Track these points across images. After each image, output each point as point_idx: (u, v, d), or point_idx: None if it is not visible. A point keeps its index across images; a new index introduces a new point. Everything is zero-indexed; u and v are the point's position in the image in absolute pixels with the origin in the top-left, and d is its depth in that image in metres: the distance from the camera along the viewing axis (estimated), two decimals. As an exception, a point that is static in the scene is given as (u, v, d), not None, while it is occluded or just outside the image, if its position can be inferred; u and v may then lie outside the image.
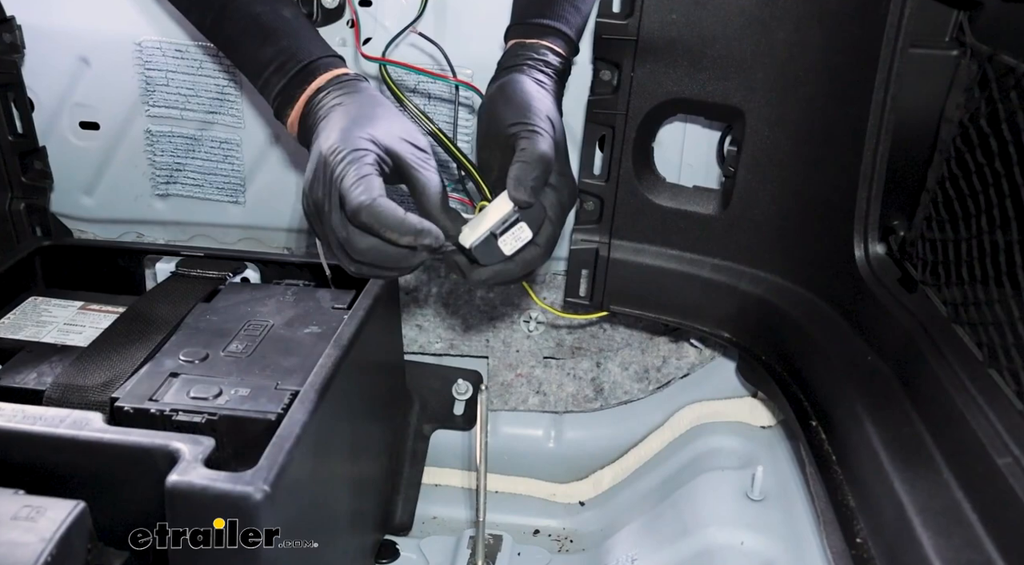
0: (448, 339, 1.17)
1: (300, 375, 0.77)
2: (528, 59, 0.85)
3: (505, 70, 0.85)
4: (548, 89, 0.83)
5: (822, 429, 0.85)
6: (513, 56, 0.86)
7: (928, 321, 0.77)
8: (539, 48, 0.86)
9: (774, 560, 0.86)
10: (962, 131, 0.76)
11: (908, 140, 0.84)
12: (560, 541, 1.07)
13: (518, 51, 0.86)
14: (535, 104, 0.78)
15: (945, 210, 0.78)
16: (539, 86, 0.82)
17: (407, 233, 0.69)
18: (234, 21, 0.83)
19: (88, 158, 1.12)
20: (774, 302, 0.98)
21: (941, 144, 0.81)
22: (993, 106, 0.71)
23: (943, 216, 0.79)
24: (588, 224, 1.03)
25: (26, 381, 0.78)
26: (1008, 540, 0.60)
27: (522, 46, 0.86)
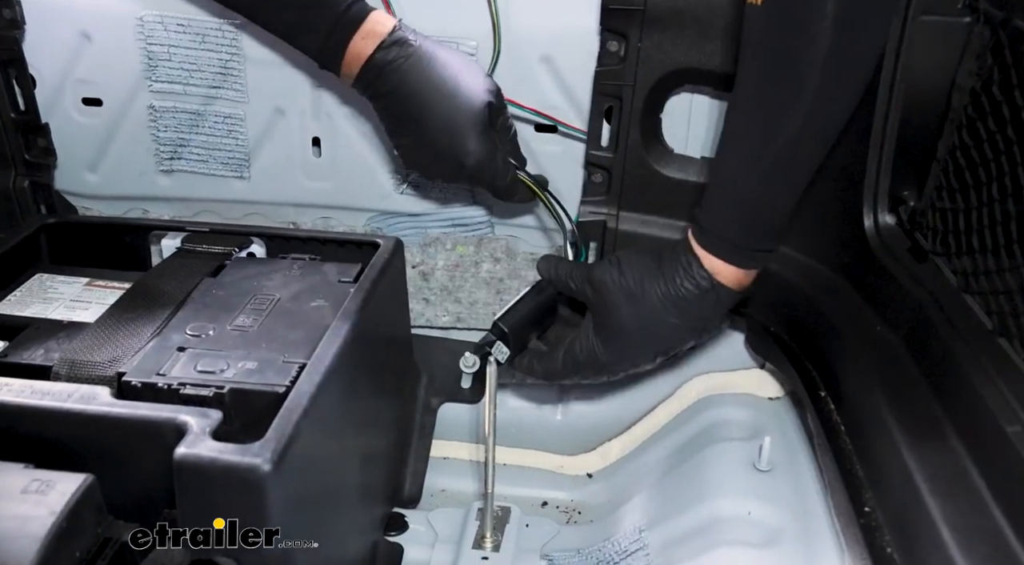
0: (455, 313, 1.17)
1: (307, 348, 0.77)
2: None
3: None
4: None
5: (831, 399, 0.85)
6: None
7: (938, 291, 0.77)
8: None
9: (782, 530, 0.86)
10: (974, 99, 0.76)
11: (919, 109, 0.83)
12: (568, 513, 1.07)
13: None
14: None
15: (956, 179, 0.78)
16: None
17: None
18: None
19: (91, 135, 1.12)
20: (783, 273, 0.97)
21: (952, 113, 0.80)
22: (1006, 73, 0.70)
23: (953, 185, 0.78)
24: (596, 196, 1.03)
25: (33, 357, 0.78)
26: (1016, 507, 0.60)
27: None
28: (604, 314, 0.83)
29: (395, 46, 0.86)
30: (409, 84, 0.87)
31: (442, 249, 1.15)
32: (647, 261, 0.82)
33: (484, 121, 0.89)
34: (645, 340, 0.83)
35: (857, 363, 0.83)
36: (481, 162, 0.89)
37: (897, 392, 0.76)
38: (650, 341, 0.83)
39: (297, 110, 1.07)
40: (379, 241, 0.97)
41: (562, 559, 0.97)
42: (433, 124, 0.88)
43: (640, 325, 0.81)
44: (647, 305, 0.80)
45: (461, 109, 0.87)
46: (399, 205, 1.12)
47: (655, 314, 0.80)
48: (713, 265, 0.77)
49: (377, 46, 0.86)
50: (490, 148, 0.90)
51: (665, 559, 0.87)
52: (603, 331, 0.84)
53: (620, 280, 0.81)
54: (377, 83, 0.87)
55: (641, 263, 0.82)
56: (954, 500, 0.64)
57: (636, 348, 0.84)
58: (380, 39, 0.86)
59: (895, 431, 0.73)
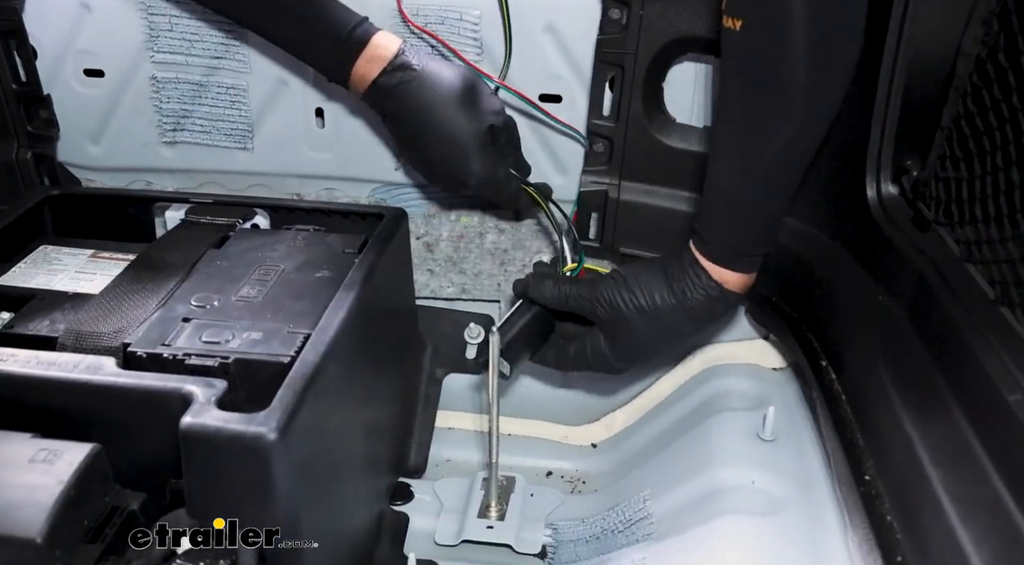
0: (459, 284, 1.17)
1: (311, 319, 0.78)
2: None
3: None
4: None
5: (832, 369, 0.85)
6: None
7: (940, 260, 0.77)
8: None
9: (784, 499, 0.86)
10: (979, 66, 0.75)
11: (923, 78, 0.83)
12: (573, 482, 1.08)
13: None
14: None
15: (960, 148, 0.77)
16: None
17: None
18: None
19: (94, 106, 1.12)
20: (785, 244, 0.97)
21: (957, 81, 0.79)
22: (1012, 39, 0.70)
23: (957, 154, 0.78)
24: (597, 166, 1.02)
25: (39, 328, 0.79)
26: (1017, 476, 0.60)
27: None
28: (617, 329, 0.84)
29: (398, 71, 0.88)
30: (411, 108, 0.89)
31: (446, 220, 1.15)
32: (654, 276, 0.83)
33: (485, 143, 0.92)
34: (658, 349, 0.86)
35: (859, 333, 0.83)
36: (482, 181, 0.93)
37: (898, 362, 0.76)
38: (663, 349, 0.86)
39: (300, 81, 1.06)
40: (383, 212, 0.97)
41: (567, 528, 0.97)
42: (435, 146, 0.91)
43: (655, 339, 0.84)
44: (661, 320, 0.82)
45: (462, 132, 0.90)
46: (402, 176, 1.12)
47: (669, 327, 0.82)
48: (721, 275, 0.79)
49: (381, 71, 0.88)
50: (492, 167, 0.93)
51: (669, 528, 0.88)
52: (617, 344, 0.85)
53: (631, 299, 0.83)
54: (383, 103, 0.90)
55: (649, 279, 0.83)
56: (955, 469, 0.64)
57: (650, 356, 0.86)
58: (384, 64, 0.88)
59: (896, 401, 0.73)
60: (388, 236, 0.93)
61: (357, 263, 0.87)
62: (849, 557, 0.78)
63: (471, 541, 0.96)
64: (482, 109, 0.91)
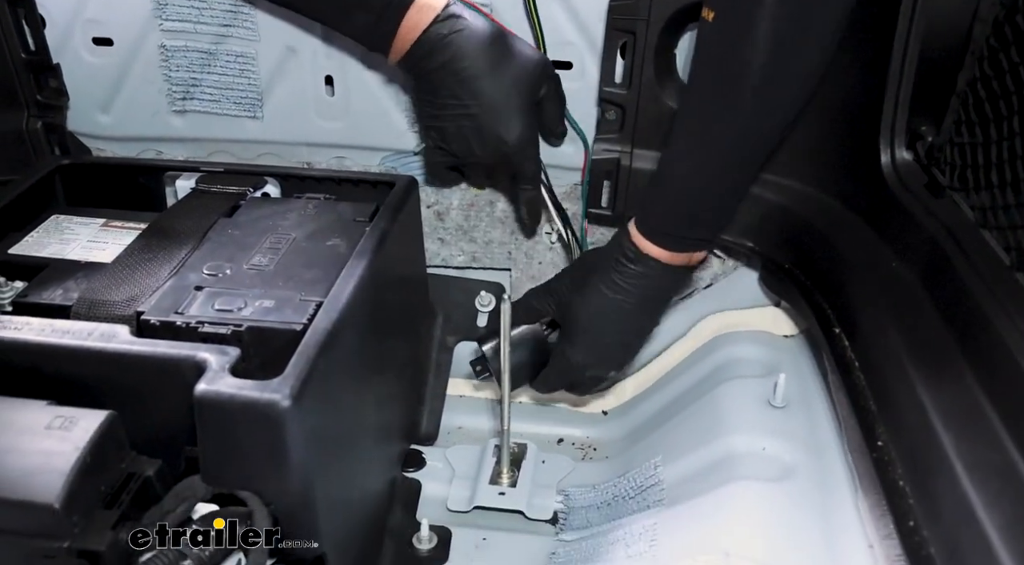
0: (470, 252, 1.17)
1: (323, 287, 0.78)
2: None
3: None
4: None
5: (845, 336, 0.85)
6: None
7: (955, 226, 0.76)
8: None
9: (795, 465, 0.87)
10: (996, 29, 0.74)
11: (938, 41, 0.82)
12: (584, 449, 1.08)
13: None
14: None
15: (975, 113, 0.76)
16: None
17: None
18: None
19: (103, 75, 1.11)
20: (797, 210, 0.97)
21: (973, 44, 0.78)
22: (1030, 1, 0.69)
23: (973, 119, 0.77)
24: (609, 134, 1.02)
25: (53, 297, 0.79)
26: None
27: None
28: (563, 314, 0.89)
29: (449, 20, 0.87)
30: (462, 58, 0.88)
31: (457, 188, 1.14)
32: (592, 257, 0.89)
33: (532, 99, 0.92)
34: (603, 328, 0.87)
35: (872, 300, 0.82)
36: (521, 143, 0.92)
37: (912, 328, 0.76)
38: (609, 329, 0.88)
39: (309, 48, 1.06)
40: (394, 180, 0.97)
41: (578, 494, 0.98)
42: (481, 99, 0.90)
43: (593, 312, 0.87)
44: (595, 292, 0.86)
45: (511, 88, 0.90)
46: (413, 144, 1.11)
47: (604, 299, 0.86)
48: (648, 247, 0.83)
49: (433, 19, 0.87)
50: (533, 132, 0.93)
51: (680, 494, 0.88)
52: (567, 331, 0.90)
53: (569, 278, 0.90)
54: (428, 58, 0.89)
55: (587, 260, 0.90)
56: (968, 435, 0.64)
57: (600, 341, 0.88)
58: (435, 13, 0.87)
59: (909, 367, 0.73)
60: (399, 204, 0.93)
61: (368, 231, 0.87)
62: (860, 522, 0.78)
63: (483, 507, 0.97)
64: (534, 70, 0.92)
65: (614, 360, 0.91)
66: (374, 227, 0.87)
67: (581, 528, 0.93)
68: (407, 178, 0.98)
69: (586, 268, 0.89)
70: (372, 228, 0.87)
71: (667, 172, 0.83)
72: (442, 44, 0.88)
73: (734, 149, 0.77)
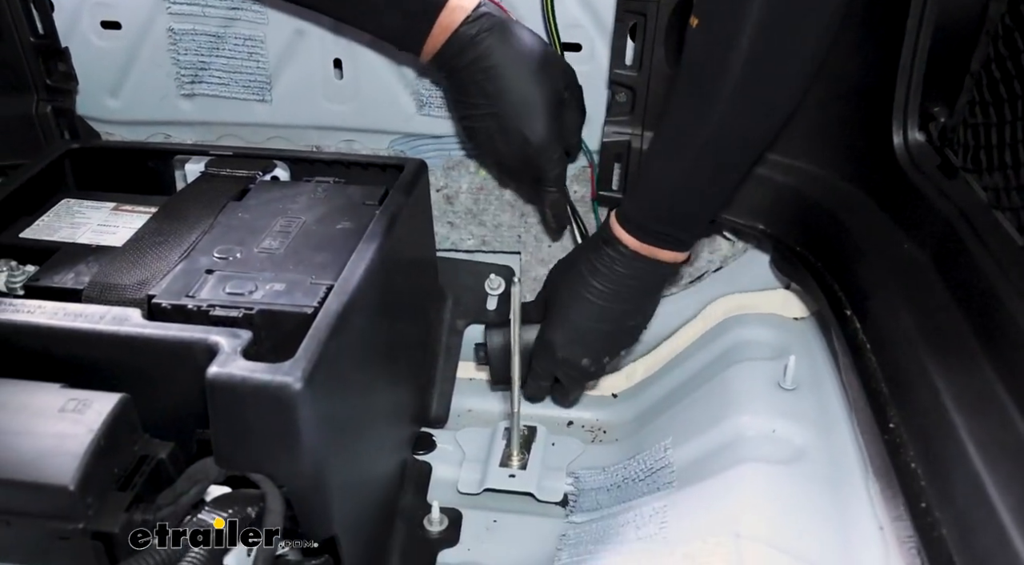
0: (480, 235, 1.17)
1: (334, 270, 0.78)
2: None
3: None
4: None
5: (856, 318, 0.85)
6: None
7: (967, 207, 0.76)
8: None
9: (806, 447, 0.87)
10: (1011, 7, 0.73)
11: (952, 21, 0.81)
12: (594, 432, 1.08)
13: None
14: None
15: (989, 93, 0.76)
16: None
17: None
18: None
19: (111, 59, 1.11)
20: (809, 192, 0.96)
21: (988, 23, 0.77)
22: (1046, -21, 0.68)
23: (987, 99, 0.76)
24: (620, 116, 1.01)
25: (64, 281, 0.79)
26: (1044, 423, 0.60)
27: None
28: (549, 296, 0.93)
29: (479, 20, 0.90)
30: (490, 57, 0.90)
31: (466, 172, 1.14)
32: (582, 245, 0.95)
33: (555, 109, 0.94)
34: (579, 310, 0.90)
35: (883, 282, 0.82)
36: (544, 143, 0.94)
37: (924, 310, 0.76)
38: (583, 311, 0.90)
39: (318, 31, 1.06)
40: (403, 163, 0.97)
41: (588, 476, 0.98)
42: (506, 99, 0.92)
43: (570, 293, 0.90)
44: (575, 274, 0.90)
45: (536, 88, 0.92)
46: (422, 127, 1.11)
47: (581, 281, 0.89)
48: (625, 238, 0.86)
49: (463, 20, 0.89)
50: (555, 134, 0.94)
51: (690, 476, 0.88)
52: (548, 312, 0.93)
53: (559, 264, 0.95)
54: (458, 56, 0.91)
55: (577, 248, 0.95)
56: (981, 417, 0.64)
57: (575, 322, 0.91)
58: (466, 13, 0.90)
59: (921, 349, 0.73)
60: (408, 187, 0.93)
61: (378, 214, 0.86)
62: (871, 504, 0.78)
63: (493, 490, 0.97)
64: (557, 75, 0.94)
65: (589, 347, 0.92)
66: (384, 210, 0.87)
67: (591, 510, 0.94)
68: (416, 161, 0.98)
69: (574, 253, 0.93)
70: (382, 211, 0.87)
71: (646, 168, 0.87)
72: (471, 43, 0.90)
73: (709, 153, 0.79)
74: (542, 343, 0.93)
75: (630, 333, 0.94)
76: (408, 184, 0.93)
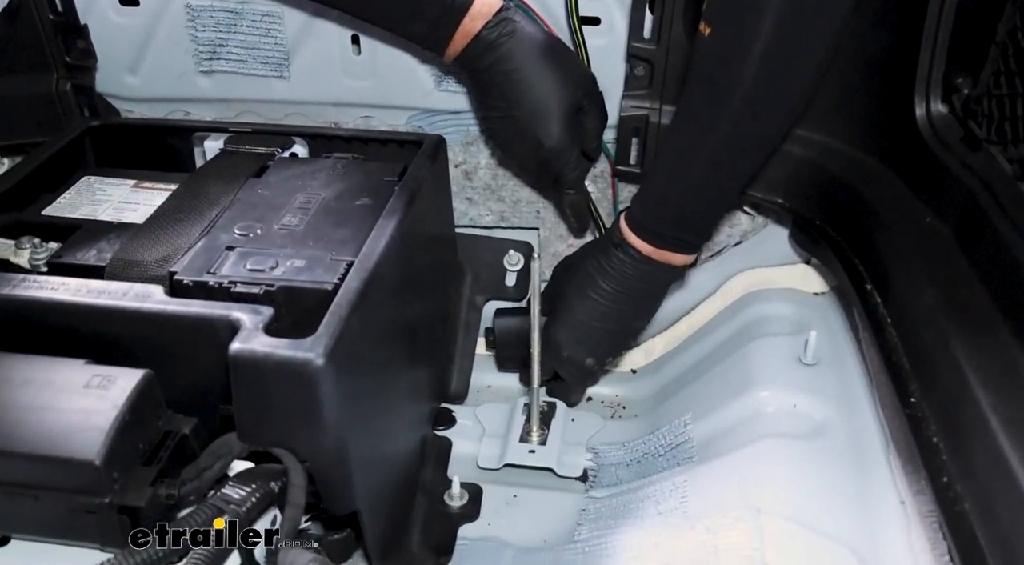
0: (498, 211, 1.17)
1: (354, 246, 0.78)
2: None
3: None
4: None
5: (877, 293, 0.84)
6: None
7: (992, 180, 0.75)
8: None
9: (826, 422, 0.86)
10: (1038, -25, 0.72)
11: (978, -10, 0.80)
12: (613, 407, 1.09)
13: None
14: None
15: (1015, 63, 0.75)
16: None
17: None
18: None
19: (130, 36, 1.11)
20: (829, 166, 0.95)
21: (1014, -9, 0.76)
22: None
23: (1013, 69, 0.75)
24: (638, 90, 1.01)
25: (87, 258, 0.80)
26: (1068, 397, 0.60)
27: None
28: (555, 303, 0.93)
29: (500, 24, 0.91)
30: (508, 61, 0.92)
31: (484, 148, 1.14)
32: (590, 244, 0.95)
33: (571, 113, 0.95)
34: (584, 307, 0.90)
35: (905, 256, 0.81)
36: (559, 147, 0.94)
37: (947, 284, 0.75)
38: (588, 308, 0.90)
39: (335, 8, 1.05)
40: (422, 139, 0.97)
41: (607, 452, 0.99)
42: (522, 102, 0.93)
43: (575, 290, 0.91)
44: (582, 272, 0.90)
45: (551, 93, 0.93)
46: (440, 103, 1.11)
47: (587, 279, 0.89)
48: (632, 239, 0.86)
49: (484, 24, 0.91)
50: (570, 138, 0.95)
51: (710, 451, 0.89)
52: (554, 308, 0.93)
53: (566, 261, 0.96)
54: (479, 59, 0.92)
55: (585, 247, 0.95)
56: (1003, 390, 0.63)
57: (579, 320, 0.91)
58: (487, 19, 0.91)
59: (943, 323, 0.72)
60: (427, 163, 0.93)
61: (397, 191, 0.86)
62: (892, 478, 0.78)
63: (513, 465, 0.98)
64: (574, 81, 0.94)
65: (592, 345, 0.92)
66: (403, 186, 0.87)
67: (611, 485, 0.94)
68: (435, 137, 0.98)
69: (582, 252, 0.94)
70: (401, 188, 0.87)
71: (654, 171, 0.88)
72: (491, 47, 0.91)
73: (717, 160, 0.80)
74: (548, 339, 0.93)
75: (634, 333, 0.95)
76: (427, 160, 0.93)
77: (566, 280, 0.92)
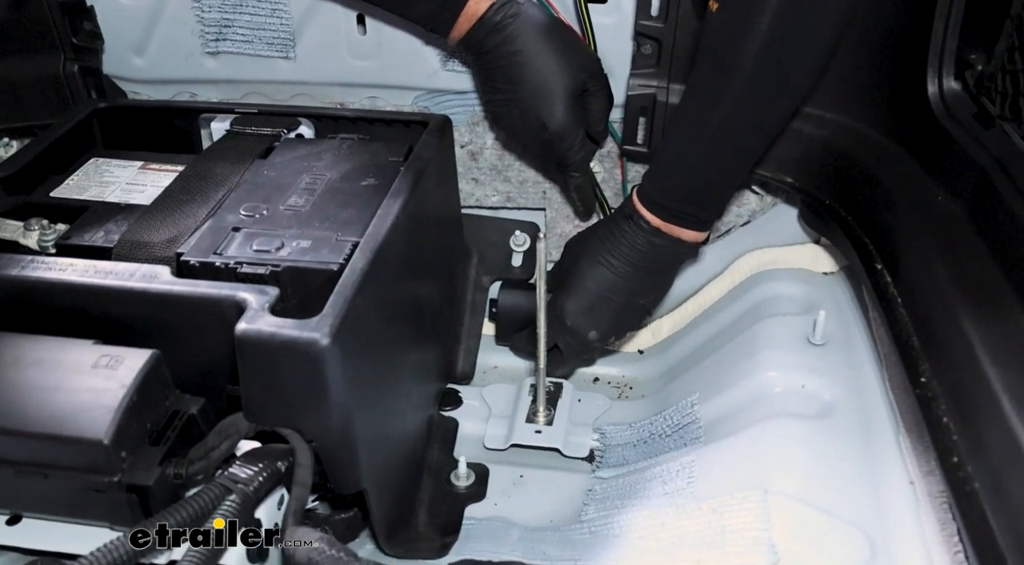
0: (505, 192, 1.17)
1: (359, 227, 0.78)
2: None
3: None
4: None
5: (887, 272, 0.83)
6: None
7: (1005, 157, 0.74)
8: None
9: (835, 402, 0.86)
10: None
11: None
12: (620, 388, 1.09)
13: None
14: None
15: (1030, 38, 0.74)
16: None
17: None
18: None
19: (136, 17, 1.11)
20: (839, 144, 0.95)
21: (1029, -35, 0.75)
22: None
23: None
24: (646, 69, 1.00)
25: (94, 239, 0.80)
26: (1079, 376, 0.59)
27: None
28: (566, 276, 0.92)
29: (505, 6, 0.91)
30: (513, 43, 0.91)
31: (488, 129, 1.13)
32: (602, 220, 0.95)
33: (575, 96, 0.94)
34: (593, 278, 0.90)
35: (916, 234, 0.81)
36: (562, 130, 0.93)
37: (958, 263, 0.74)
38: (597, 280, 0.90)
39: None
40: (427, 120, 0.96)
41: (614, 432, 0.98)
42: (526, 84, 0.92)
43: (586, 262, 0.90)
44: (592, 243, 0.91)
45: (556, 75, 0.92)
46: (446, 83, 1.10)
47: (597, 250, 0.89)
48: (644, 213, 0.86)
49: (489, 6, 0.90)
50: (575, 120, 0.94)
51: (717, 431, 0.88)
52: (562, 279, 0.93)
53: (578, 236, 0.95)
54: (484, 41, 0.92)
55: (597, 223, 0.94)
56: (1015, 370, 0.63)
57: (587, 290, 0.90)
58: (492, 1, 0.90)
59: (955, 302, 0.72)
60: (433, 144, 0.92)
61: (403, 171, 0.86)
62: (901, 458, 0.78)
63: (520, 445, 0.98)
64: (578, 63, 0.93)
65: (597, 318, 0.92)
66: (408, 167, 0.87)
67: (618, 466, 0.94)
68: (441, 117, 0.97)
69: (594, 227, 0.94)
70: (407, 168, 0.87)
71: (665, 148, 0.88)
72: (496, 29, 0.90)
73: (724, 135, 0.80)
74: (552, 309, 0.93)
75: (638, 313, 0.94)
76: (433, 141, 0.93)
77: (577, 252, 0.92)
